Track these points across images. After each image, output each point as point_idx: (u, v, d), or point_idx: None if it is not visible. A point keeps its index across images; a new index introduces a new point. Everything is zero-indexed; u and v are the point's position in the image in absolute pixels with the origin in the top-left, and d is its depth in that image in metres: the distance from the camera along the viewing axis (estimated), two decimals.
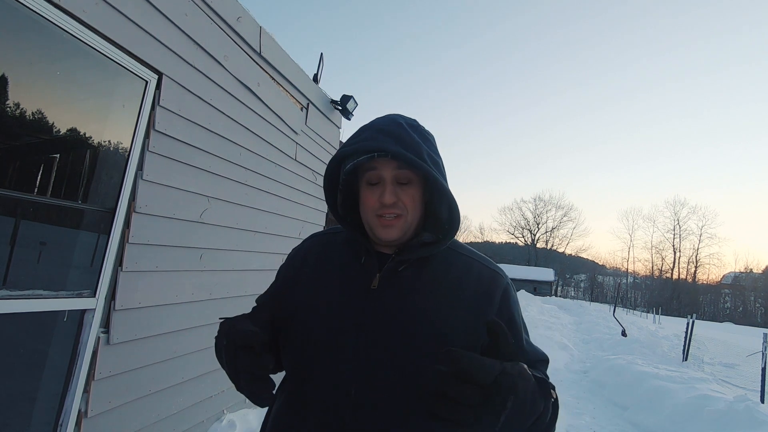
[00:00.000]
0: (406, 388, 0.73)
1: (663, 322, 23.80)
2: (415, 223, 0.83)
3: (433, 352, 0.70)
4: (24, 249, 1.65)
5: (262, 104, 2.83)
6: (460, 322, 0.78)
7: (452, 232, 0.83)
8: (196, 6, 2.16)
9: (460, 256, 0.87)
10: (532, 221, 71.31)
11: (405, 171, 0.79)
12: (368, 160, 0.78)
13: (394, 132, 0.78)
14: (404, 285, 0.80)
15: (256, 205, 2.89)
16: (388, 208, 0.78)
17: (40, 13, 1.47)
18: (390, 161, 0.78)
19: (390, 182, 0.79)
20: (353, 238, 0.86)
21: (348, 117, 4.14)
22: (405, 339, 0.75)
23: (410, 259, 0.82)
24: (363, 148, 0.77)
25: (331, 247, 0.90)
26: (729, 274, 67.04)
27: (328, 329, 0.79)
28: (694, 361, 8.89)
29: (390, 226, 0.79)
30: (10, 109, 1.51)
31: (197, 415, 2.54)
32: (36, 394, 1.84)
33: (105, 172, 1.89)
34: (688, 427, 4.25)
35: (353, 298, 0.80)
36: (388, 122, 0.81)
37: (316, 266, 0.88)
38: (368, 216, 0.81)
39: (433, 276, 0.82)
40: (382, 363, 0.75)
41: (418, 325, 0.77)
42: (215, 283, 2.55)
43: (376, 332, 0.76)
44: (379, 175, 0.79)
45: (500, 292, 0.83)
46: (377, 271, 0.82)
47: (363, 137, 0.80)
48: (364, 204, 0.81)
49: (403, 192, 0.79)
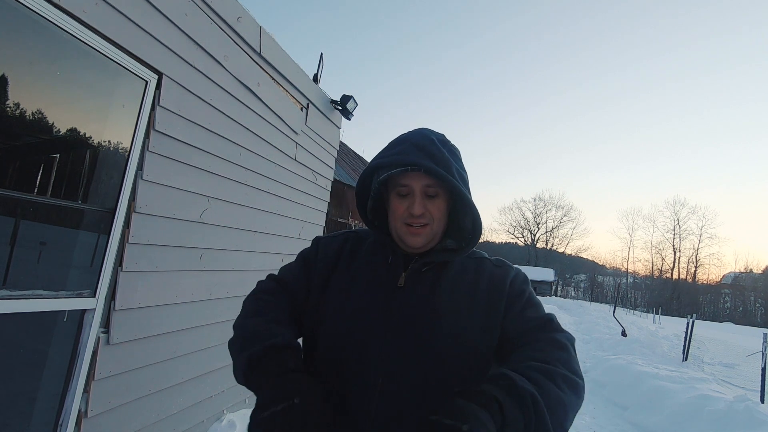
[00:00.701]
0: (428, 377, 0.80)
1: (663, 322, 23.79)
2: (440, 232, 0.90)
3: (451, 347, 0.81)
4: (24, 249, 1.65)
5: (262, 104, 2.82)
6: (475, 322, 0.85)
7: (474, 241, 0.91)
8: (196, 6, 2.16)
9: (473, 260, 0.95)
10: (532, 221, 71.43)
11: (434, 185, 0.85)
12: (402, 173, 0.85)
13: (427, 148, 0.85)
14: (427, 284, 0.88)
15: (256, 205, 2.89)
16: (416, 218, 0.85)
17: (40, 13, 1.47)
18: (421, 175, 0.84)
19: (419, 194, 0.85)
20: (381, 241, 0.94)
21: (348, 117, 4.13)
22: (428, 333, 0.82)
23: (433, 262, 0.89)
24: (398, 161, 0.84)
25: (362, 247, 0.97)
26: (729, 274, 67.04)
27: (359, 324, 0.85)
28: (694, 361, 8.89)
29: (417, 234, 0.86)
30: (10, 109, 1.51)
31: (197, 415, 2.54)
32: (36, 394, 1.84)
33: (105, 172, 1.89)
34: (688, 427, 4.25)
35: (382, 294, 0.87)
36: (421, 137, 0.88)
37: (349, 265, 0.94)
38: (397, 224, 0.88)
39: (452, 278, 0.90)
40: (408, 354, 0.81)
41: (438, 322, 0.83)
42: (215, 283, 2.55)
43: (403, 326, 0.83)
44: (410, 187, 0.85)
45: (509, 281, 0.91)
46: (403, 271, 0.89)
47: (398, 150, 0.87)
48: (394, 213, 0.88)
49: (431, 204, 0.87)
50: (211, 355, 2.56)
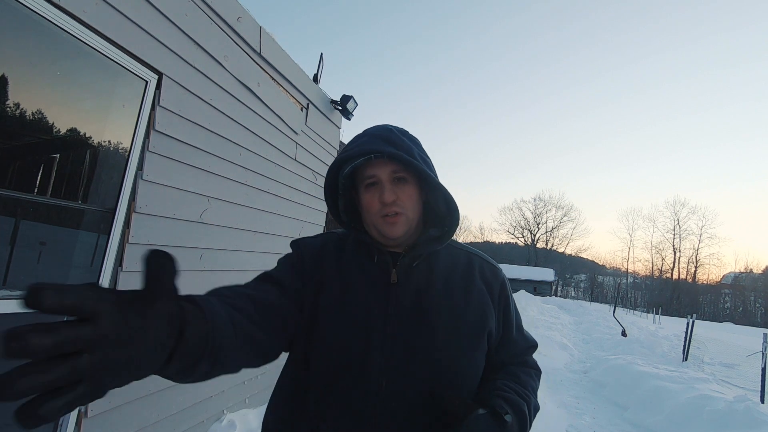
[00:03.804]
0: (430, 375, 0.80)
1: (663, 322, 23.79)
2: (416, 221, 0.88)
3: (452, 342, 0.82)
4: (24, 249, 1.65)
5: (262, 104, 2.83)
6: (470, 312, 0.86)
7: (454, 224, 0.89)
8: (196, 6, 2.16)
9: (460, 252, 0.96)
10: (532, 221, 71.38)
11: (399, 170, 0.84)
12: (365, 162, 0.84)
13: (386, 136, 0.86)
14: (420, 278, 0.87)
15: (256, 205, 2.89)
16: (389, 207, 0.83)
17: (40, 13, 1.47)
18: (385, 163, 0.83)
19: (387, 182, 0.84)
20: (363, 239, 0.90)
21: (348, 117, 4.14)
22: (427, 329, 0.82)
23: (422, 254, 0.88)
24: (359, 151, 0.83)
25: (344, 246, 0.94)
26: (729, 274, 67.01)
27: (356, 326, 0.82)
28: (694, 361, 8.88)
29: (394, 224, 0.84)
30: (10, 109, 1.51)
31: (197, 415, 2.54)
32: None
33: (105, 172, 1.89)
34: (688, 427, 4.25)
35: (374, 293, 0.85)
36: (380, 129, 0.90)
37: (336, 265, 0.91)
38: (372, 217, 0.86)
39: (443, 269, 0.90)
40: (409, 353, 0.80)
41: (436, 315, 0.83)
42: (215, 283, 2.53)
43: (401, 324, 0.82)
44: (377, 176, 0.84)
45: (499, 285, 0.93)
46: (392, 267, 0.87)
47: (358, 143, 0.87)
48: (366, 207, 0.86)
49: (401, 191, 0.85)
50: None
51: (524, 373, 0.93)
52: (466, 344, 0.84)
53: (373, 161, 0.83)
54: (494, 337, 0.90)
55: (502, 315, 0.93)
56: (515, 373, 0.92)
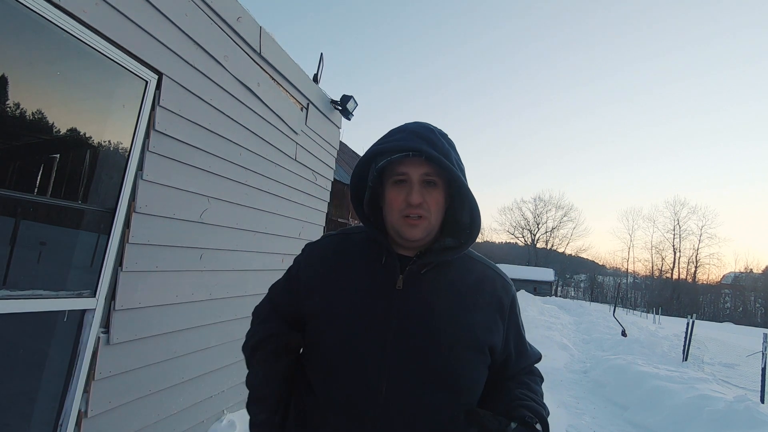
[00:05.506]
0: (432, 384, 0.79)
1: (663, 322, 23.78)
2: (437, 227, 0.86)
3: (454, 350, 0.80)
4: (24, 249, 1.65)
5: (262, 104, 2.82)
6: (477, 324, 0.84)
7: (473, 237, 0.87)
8: (196, 6, 2.16)
9: (477, 263, 0.94)
10: (532, 221, 71.32)
11: (433, 174, 0.81)
12: (401, 159, 0.81)
13: (427, 136, 0.82)
14: (427, 286, 0.85)
15: (256, 205, 2.89)
16: (413, 209, 0.81)
17: (40, 13, 1.47)
18: (421, 163, 0.81)
19: (417, 182, 0.81)
20: (374, 238, 0.88)
21: (348, 117, 4.13)
22: (430, 337, 0.80)
23: (432, 262, 0.85)
24: (398, 147, 0.80)
25: (350, 246, 0.92)
26: (729, 274, 67.00)
27: (355, 329, 0.81)
28: (694, 361, 8.88)
29: (414, 226, 0.82)
30: (10, 109, 1.51)
31: (197, 415, 2.54)
32: (36, 394, 1.84)
33: (105, 172, 1.89)
34: (688, 427, 4.25)
35: (378, 297, 0.83)
36: (421, 127, 0.85)
37: (336, 266, 0.89)
38: (393, 215, 0.83)
39: (454, 280, 0.87)
40: (410, 360, 0.79)
41: (441, 325, 0.81)
42: (215, 283, 2.55)
43: (403, 331, 0.80)
44: (408, 175, 0.81)
45: (509, 301, 0.92)
46: (400, 272, 0.84)
47: (397, 138, 0.83)
48: (390, 203, 0.84)
49: (429, 194, 0.82)
50: (211, 355, 2.56)
51: (533, 382, 0.94)
52: (468, 355, 0.82)
53: (408, 159, 0.81)
54: (498, 350, 0.88)
55: (512, 330, 0.92)
56: (526, 381, 0.92)
